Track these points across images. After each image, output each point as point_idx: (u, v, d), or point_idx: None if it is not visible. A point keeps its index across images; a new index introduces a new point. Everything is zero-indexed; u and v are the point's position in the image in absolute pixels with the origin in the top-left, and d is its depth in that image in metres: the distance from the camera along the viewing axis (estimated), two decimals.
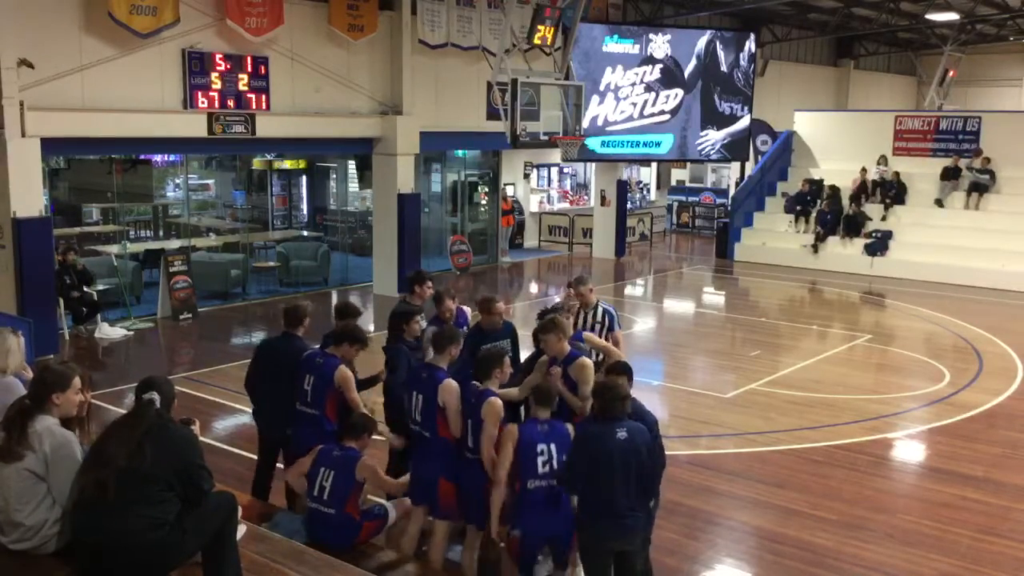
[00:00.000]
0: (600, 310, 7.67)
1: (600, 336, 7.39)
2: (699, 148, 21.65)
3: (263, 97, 14.81)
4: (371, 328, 15.04)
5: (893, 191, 20.85)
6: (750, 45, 21.79)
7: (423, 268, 17.77)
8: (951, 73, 27.65)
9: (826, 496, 8.08)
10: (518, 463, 5.43)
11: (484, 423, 5.54)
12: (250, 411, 7.34)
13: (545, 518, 5.42)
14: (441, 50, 17.27)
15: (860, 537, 7.28)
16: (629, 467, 5.04)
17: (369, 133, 16.53)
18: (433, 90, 17.51)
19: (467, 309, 7.84)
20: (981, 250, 18.65)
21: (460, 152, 21.20)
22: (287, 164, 21.68)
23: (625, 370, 5.82)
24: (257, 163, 21.37)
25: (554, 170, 24.85)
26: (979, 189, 20.07)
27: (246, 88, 14.57)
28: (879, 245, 20.09)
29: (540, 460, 5.38)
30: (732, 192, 25.18)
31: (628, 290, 19.04)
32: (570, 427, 5.57)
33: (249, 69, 14.62)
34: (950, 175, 20.51)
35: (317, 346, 6.91)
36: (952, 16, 23.80)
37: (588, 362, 6.08)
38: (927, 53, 30.50)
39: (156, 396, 4.39)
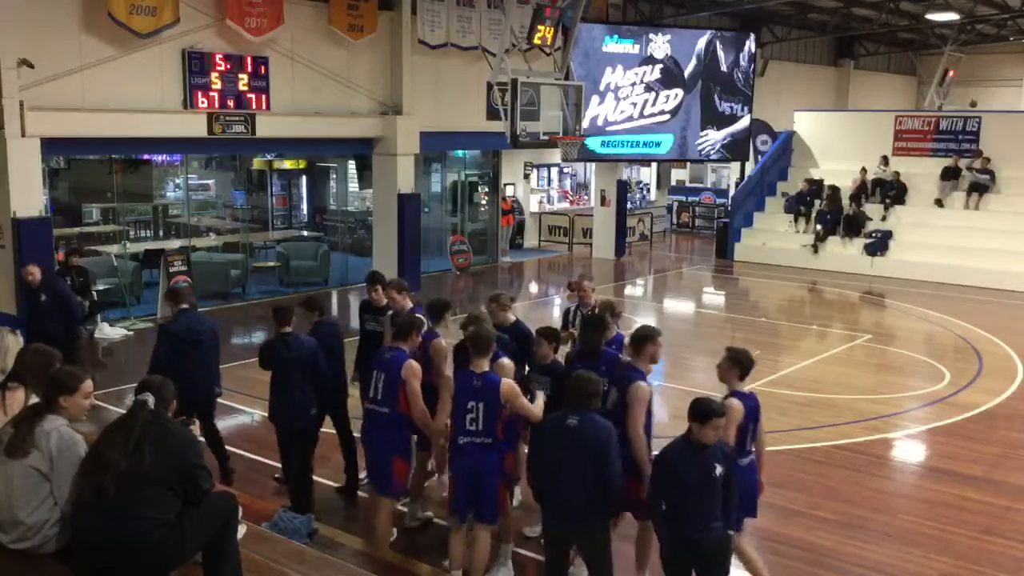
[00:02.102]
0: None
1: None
2: (699, 148, 21.64)
3: (263, 97, 14.81)
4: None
5: (893, 191, 20.85)
6: (750, 45, 21.79)
7: (423, 268, 17.83)
8: (951, 73, 27.66)
9: (826, 496, 8.09)
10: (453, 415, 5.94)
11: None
12: (249, 410, 7.38)
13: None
14: (441, 50, 17.27)
15: (860, 537, 7.28)
16: (575, 456, 5.16)
17: (369, 133, 16.52)
18: (433, 90, 17.51)
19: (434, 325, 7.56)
20: (981, 250, 18.64)
21: (460, 152, 21.20)
22: (287, 164, 21.68)
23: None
24: (257, 163, 21.37)
25: (554, 170, 24.86)
26: (979, 189, 20.07)
27: (246, 88, 14.57)
28: (879, 245, 20.09)
29: (468, 417, 5.80)
30: (732, 192, 25.18)
31: (628, 290, 19.04)
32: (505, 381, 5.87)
33: (249, 69, 14.62)
34: (950, 175, 20.51)
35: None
36: (952, 16, 23.80)
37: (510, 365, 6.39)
38: (927, 53, 30.50)
39: (150, 397, 4.39)
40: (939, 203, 20.51)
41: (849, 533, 7.35)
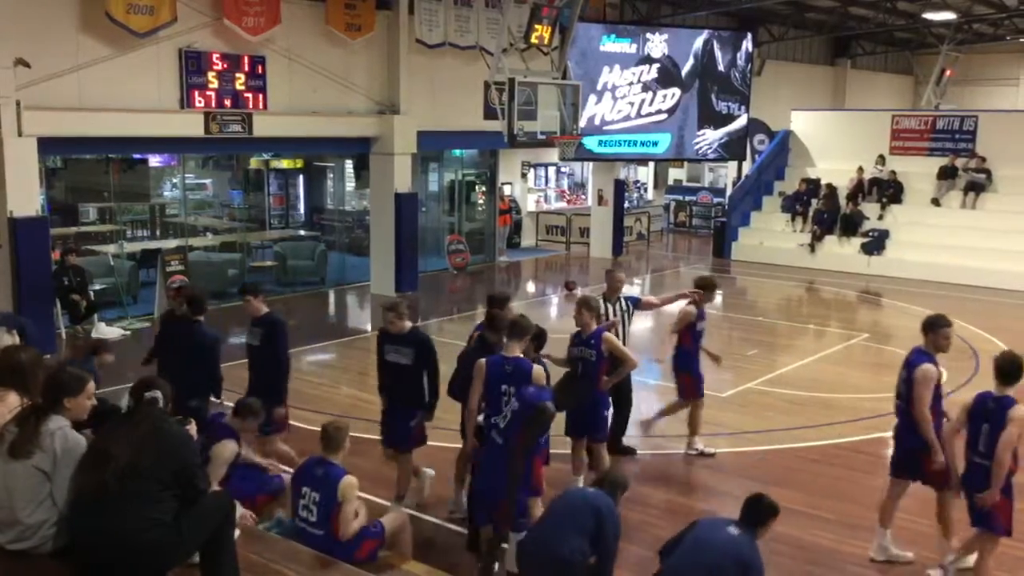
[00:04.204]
0: (623, 300, 8.70)
1: (627, 323, 8.54)
2: (696, 148, 21.64)
3: (260, 96, 14.79)
4: (368, 328, 15.06)
5: (890, 190, 20.88)
6: (747, 45, 21.79)
7: (421, 267, 17.82)
8: (948, 72, 27.68)
9: (823, 495, 8.10)
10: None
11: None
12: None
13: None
14: (438, 50, 17.26)
15: (858, 536, 7.29)
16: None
17: (366, 133, 16.51)
18: (430, 90, 17.49)
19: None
20: (978, 249, 18.66)
21: (457, 151, 21.19)
22: (284, 164, 21.66)
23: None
24: (254, 162, 21.34)
25: (552, 169, 24.85)
26: (975, 188, 20.09)
27: (243, 87, 14.56)
28: (876, 244, 20.11)
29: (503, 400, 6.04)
30: (729, 191, 25.20)
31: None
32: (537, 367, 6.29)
33: (246, 68, 14.60)
34: (947, 174, 20.54)
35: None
36: (949, 15, 23.83)
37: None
38: (924, 52, 30.53)
39: (159, 395, 4.39)
40: (936, 202, 20.53)
41: (848, 532, 7.36)
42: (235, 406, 6.35)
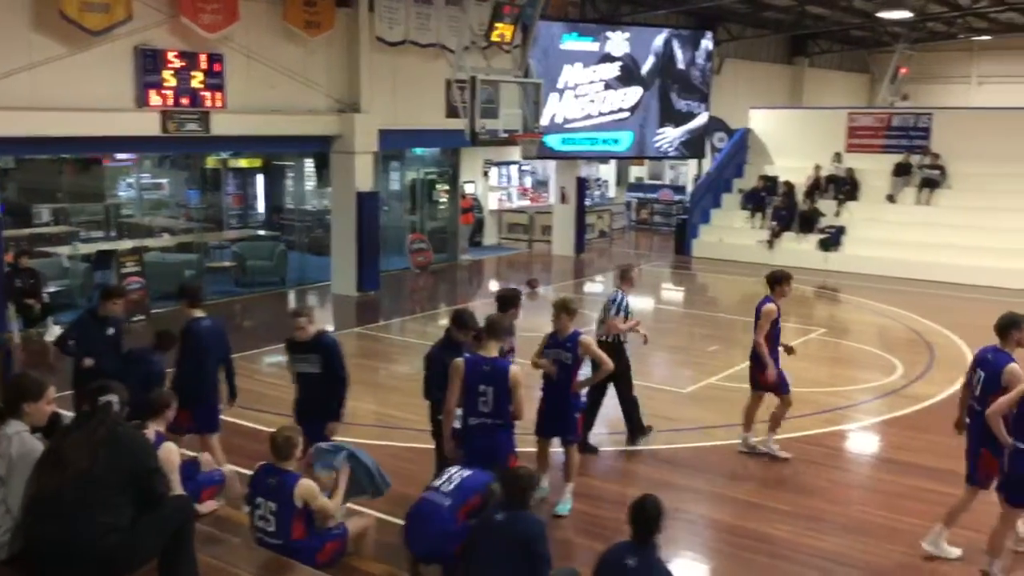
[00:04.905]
0: (618, 296, 8.88)
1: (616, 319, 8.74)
2: (657, 145, 21.79)
3: (218, 95, 14.61)
4: (331, 328, 14.96)
5: (846, 187, 21.18)
6: (707, 43, 21.97)
7: (383, 266, 17.73)
8: (903, 71, 28.13)
9: (783, 488, 8.20)
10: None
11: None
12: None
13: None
14: (399, 47, 17.18)
15: (817, 528, 7.40)
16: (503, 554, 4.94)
17: (327, 131, 16.40)
18: (392, 88, 17.41)
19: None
20: (932, 245, 19.00)
21: (419, 150, 21.12)
22: (242, 163, 21.43)
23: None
24: (211, 162, 21.08)
25: (514, 168, 24.87)
26: (930, 185, 20.46)
27: (201, 86, 14.37)
28: (833, 240, 20.39)
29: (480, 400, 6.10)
30: (690, 189, 25.40)
31: (588, 287, 19.11)
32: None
33: (204, 66, 14.41)
34: (902, 171, 20.89)
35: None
36: (904, 14, 24.21)
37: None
38: (879, 51, 31.01)
39: (115, 399, 4.34)
40: (891, 199, 20.86)
41: (806, 525, 7.46)
42: (151, 403, 6.14)
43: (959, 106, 25.74)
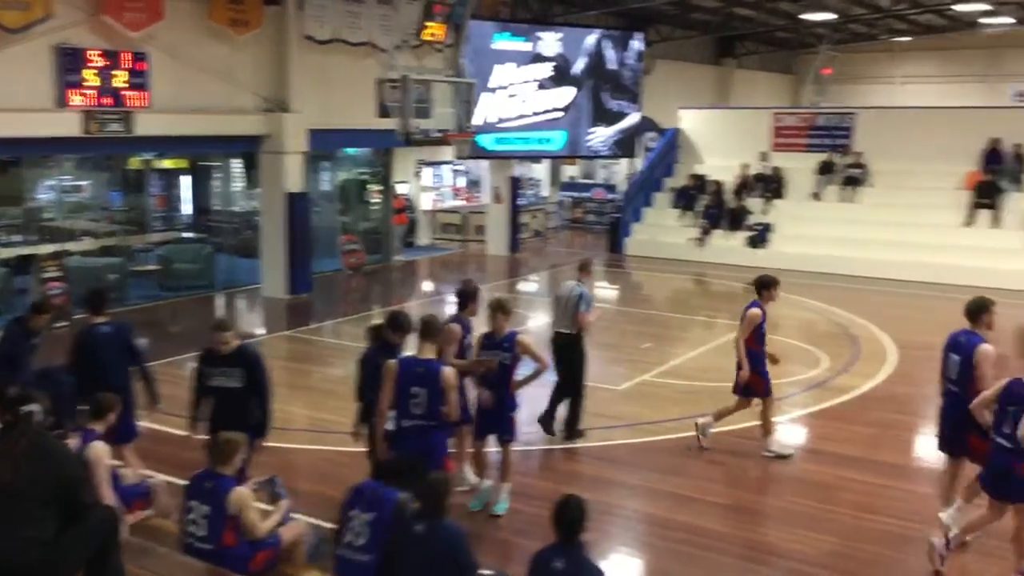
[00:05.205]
0: (583, 291, 9.28)
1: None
2: (590, 145, 21.97)
3: (142, 94, 14.25)
4: (262, 331, 14.73)
5: (773, 185, 21.65)
6: (637, 44, 22.23)
7: (315, 268, 17.52)
8: (826, 71, 28.84)
9: (714, 481, 8.35)
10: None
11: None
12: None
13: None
14: (329, 46, 16.97)
15: (748, 520, 7.55)
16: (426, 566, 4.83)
17: (255, 131, 16.14)
18: (322, 87, 17.18)
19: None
20: (855, 241, 19.52)
21: (351, 150, 20.93)
22: (167, 164, 20.92)
23: None
24: (134, 162, 20.51)
25: (448, 168, 24.81)
26: (853, 183, 21.03)
27: (124, 85, 13.98)
28: (760, 237, 20.82)
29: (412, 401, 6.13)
30: (622, 188, 25.66)
31: (522, 286, 19.18)
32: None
33: (127, 65, 14.03)
34: (826, 170, 21.42)
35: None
36: (826, 16, 24.83)
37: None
38: (804, 52, 31.75)
39: (37, 409, 4.21)
40: (816, 196, 21.38)
41: (737, 516, 7.61)
42: (97, 404, 6.01)
43: (881, 106, 26.46)
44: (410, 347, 7.01)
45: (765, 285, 9.17)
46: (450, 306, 16.60)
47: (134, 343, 7.61)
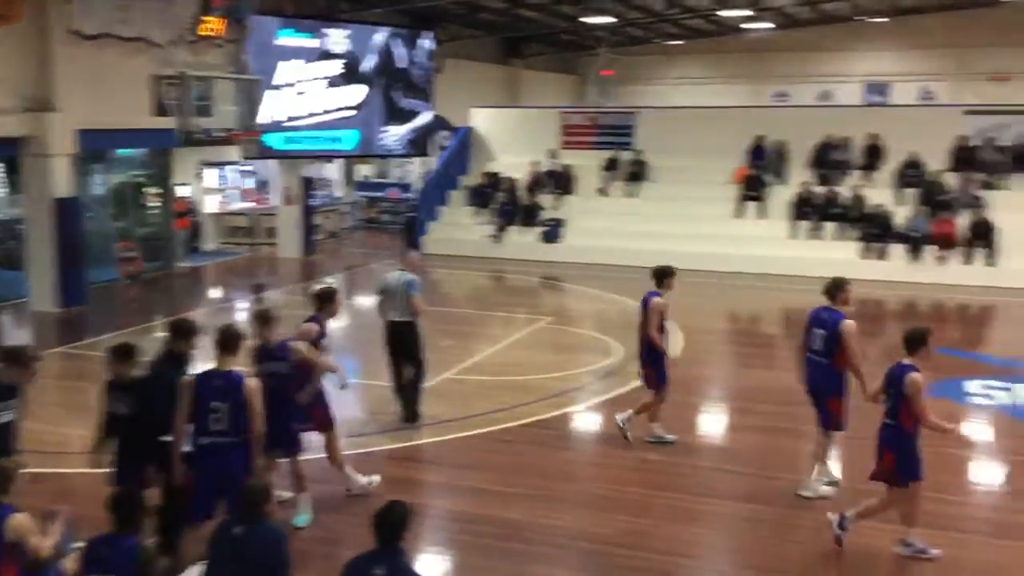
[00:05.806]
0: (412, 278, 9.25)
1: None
2: (383, 144, 21.78)
3: None
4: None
5: (564, 182, 22.37)
6: (427, 43, 22.26)
7: (87, 278, 16.29)
8: (608, 72, 30.15)
9: (518, 473, 8.49)
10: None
11: None
12: None
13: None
14: (98, 41, 15.77)
15: (551, 507, 7.73)
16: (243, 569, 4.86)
17: (15, 132, 14.82)
18: (92, 84, 15.94)
19: None
20: (639, 233, 20.45)
21: (126, 151, 19.61)
22: None
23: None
24: None
25: (233, 168, 23.81)
26: (635, 178, 22.11)
27: None
28: (553, 232, 21.46)
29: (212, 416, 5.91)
30: (417, 187, 25.65)
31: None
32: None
33: None
34: (611, 166, 22.38)
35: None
36: (605, 19, 25.93)
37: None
38: (587, 54, 33.01)
39: None
40: (602, 192, 22.29)
41: (541, 505, 7.77)
42: None
43: (659, 105, 27.95)
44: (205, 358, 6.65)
45: (665, 274, 9.09)
46: (242, 312, 16.04)
47: None
